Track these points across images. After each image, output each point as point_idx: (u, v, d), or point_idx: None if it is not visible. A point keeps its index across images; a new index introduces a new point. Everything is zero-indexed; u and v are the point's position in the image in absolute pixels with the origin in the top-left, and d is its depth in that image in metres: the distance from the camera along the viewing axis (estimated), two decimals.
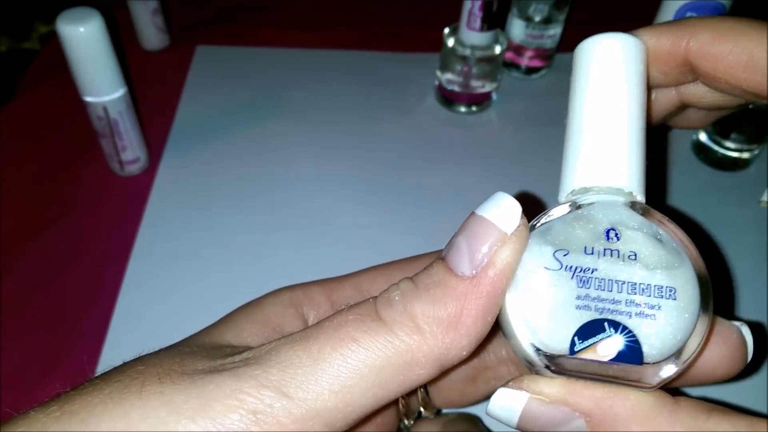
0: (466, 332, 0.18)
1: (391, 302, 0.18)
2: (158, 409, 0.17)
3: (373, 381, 0.17)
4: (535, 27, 0.53)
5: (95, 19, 0.38)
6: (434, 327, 0.18)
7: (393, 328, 0.18)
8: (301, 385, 0.17)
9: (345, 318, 0.18)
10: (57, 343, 0.37)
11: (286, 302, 0.24)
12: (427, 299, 0.18)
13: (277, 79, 0.56)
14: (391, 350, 0.17)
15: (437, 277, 0.18)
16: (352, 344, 0.17)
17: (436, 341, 0.18)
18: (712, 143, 0.48)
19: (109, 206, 0.45)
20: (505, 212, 0.19)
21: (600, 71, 0.21)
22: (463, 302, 0.18)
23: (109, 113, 0.42)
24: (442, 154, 0.50)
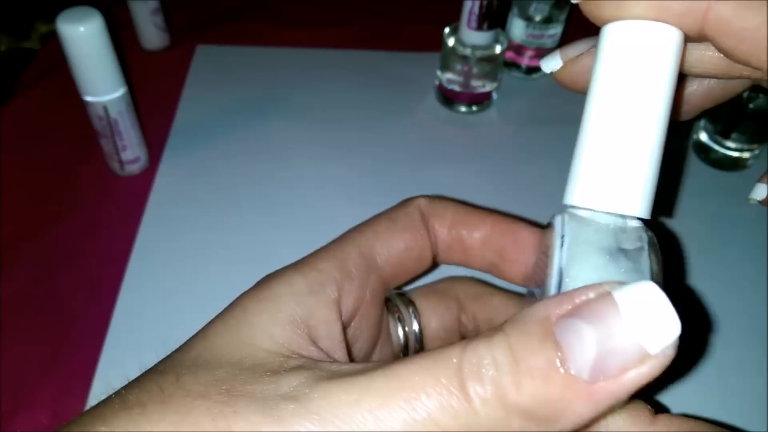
0: (561, 428, 0.15)
1: (481, 376, 0.15)
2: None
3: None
4: (535, 27, 0.53)
5: (95, 19, 0.38)
6: (525, 421, 0.15)
7: (478, 408, 0.15)
8: None
9: (413, 376, 0.15)
10: (57, 343, 0.37)
11: (304, 290, 0.21)
12: (526, 390, 0.15)
13: (278, 78, 0.56)
14: (466, 426, 0.15)
15: (543, 363, 0.15)
16: (427, 423, 0.15)
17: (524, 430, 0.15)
18: (712, 143, 0.48)
19: (109, 206, 0.45)
20: (659, 324, 0.14)
21: (626, 63, 0.18)
22: (566, 406, 0.15)
23: (109, 113, 0.42)
24: (443, 153, 0.50)
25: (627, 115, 0.18)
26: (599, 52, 0.19)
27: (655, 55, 0.18)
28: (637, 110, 0.18)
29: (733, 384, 0.36)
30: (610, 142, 0.18)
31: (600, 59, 0.19)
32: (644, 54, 0.18)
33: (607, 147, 0.18)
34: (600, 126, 0.19)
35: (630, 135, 0.18)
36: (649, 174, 0.18)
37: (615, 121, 0.18)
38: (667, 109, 0.18)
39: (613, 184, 0.18)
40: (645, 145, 0.18)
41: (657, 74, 0.18)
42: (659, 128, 0.18)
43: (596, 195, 0.19)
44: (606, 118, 0.19)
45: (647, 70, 0.18)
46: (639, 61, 0.18)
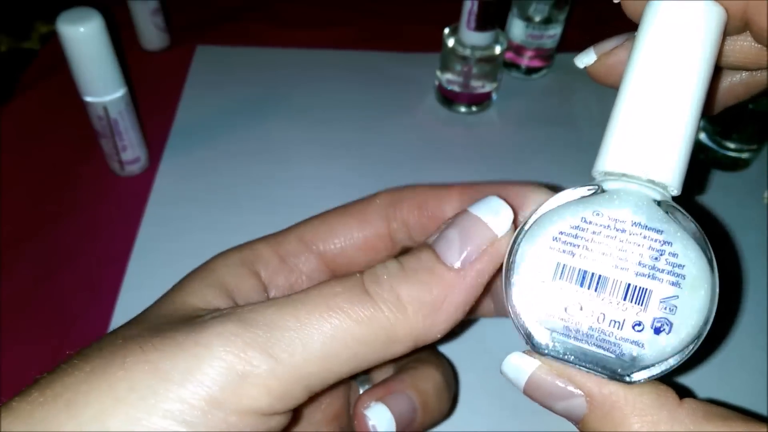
0: (446, 318, 0.19)
1: (379, 280, 0.19)
2: (145, 378, 0.17)
3: (356, 351, 0.18)
4: (535, 27, 0.53)
5: (95, 19, 0.38)
6: (417, 308, 0.19)
7: (379, 303, 0.18)
8: (288, 348, 0.17)
9: (332, 289, 0.19)
10: (57, 343, 0.37)
11: (236, 262, 0.24)
12: (414, 282, 0.19)
13: (278, 78, 0.56)
14: (376, 324, 0.18)
15: (426, 264, 0.20)
16: (340, 313, 0.18)
17: (417, 322, 0.19)
18: (712, 143, 0.48)
19: (109, 206, 0.45)
20: (498, 215, 0.20)
21: (668, 37, 0.18)
22: (447, 290, 0.19)
23: (109, 113, 0.42)
24: (442, 153, 0.50)
25: (667, 89, 0.18)
26: (642, 27, 0.19)
27: (698, 30, 0.18)
28: (677, 85, 0.18)
29: (734, 384, 0.37)
30: (646, 114, 0.19)
31: (644, 33, 0.19)
32: (688, 29, 0.18)
33: (643, 117, 0.19)
34: (639, 98, 0.19)
35: (668, 109, 0.18)
36: (684, 150, 0.18)
37: (655, 93, 0.18)
38: (704, 87, 0.18)
39: (653, 153, 0.18)
40: (682, 120, 0.18)
41: (699, 48, 0.18)
42: (696, 105, 0.18)
43: (635, 161, 0.19)
44: (646, 91, 0.19)
45: (690, 44, 0.18)
46: (683, 35, 0.18)
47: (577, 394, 0.18)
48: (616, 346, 0.18)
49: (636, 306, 0.17)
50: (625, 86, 0.19)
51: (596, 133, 0.20)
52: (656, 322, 0.17)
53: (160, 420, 0.16)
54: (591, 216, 0.18)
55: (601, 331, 0.18)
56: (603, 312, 0.18)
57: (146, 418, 0.16)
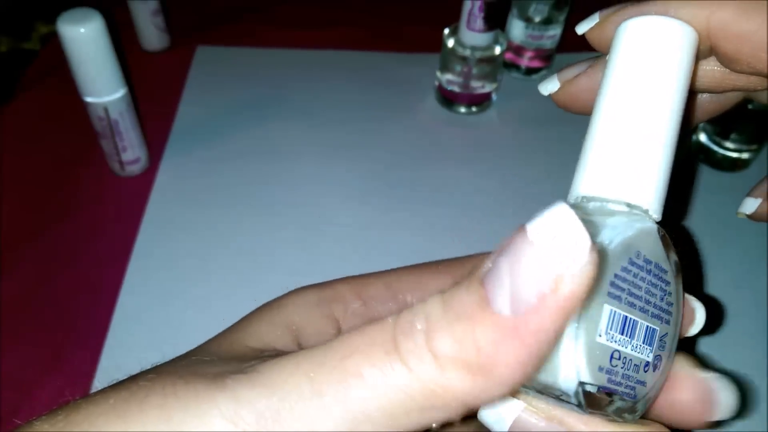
0: (500, 381, 0.14)
1: (413, 331, 0.15)
2: (156, 423, 0.16)
3: (384, 423, 0.15)
4: (534, 27, 0.53)
5: (96, 20, 0.38)
6: (460, 371, 0.14)
7: (410, 365, 0.14)
8: (299, 419, 0.15)
9: (356, 344, 0.15)
10: (57, 343, 0.37)
11: (312, 302, 0.22)
12: (454, 336, 0.14)
13: (278, 79, 0.56)
14: (404, 393, 0.14)
15: (469, 307, 0.14)
16: (357, 381, 0.15)
17: (462, 386, 0.14)
18: (711, 144, 0.48)
19: (109, 206, 0.45)
20: (568, 242, 0.13)
21: (641, 59, 0.18)
22: (497, 348, 0.14)
23: (109, 113, 0.42)
24: (443, 154, 0.50)
25: (643, 109, 0.18)
26: (614, 48, 0.19)
27: (672, 49, 0.18)
28: (654, 105, 0.18)
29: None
30: (625, 136, 0.18)
31: (616, 53, 0.19)
32: (662, 47, 0.18)
33: (622, 140, 0.18)
34: (615, 119, 0.18)
35: (646, 131, 0.18)
36: (662, 172, 0.18)
37: (631, 114, 0.18)
38: (681, 106, 0.18)
39: (629, 175, 0.18)
40: (660, 142, 0.18)
41: (674, 68, 0.18)
42: (673, 125, 0.18)
43: (612, 184, 0.18)
44: (622, 112, 0.18)
45: (664, 64, 0.18)
46: (657, 55, 0.18)
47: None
48: (633, 389, 0.17)
49: (648, 347, 0.17)
50: (599, 109, 0.18)
51: None
52: (655, 360, 0.17)
53: None
54: (635, 257, 0.17)
55: (627, 377, 0.17)
56: (630, 357, 0.17)
57: None
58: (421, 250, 0.43)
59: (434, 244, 0.43)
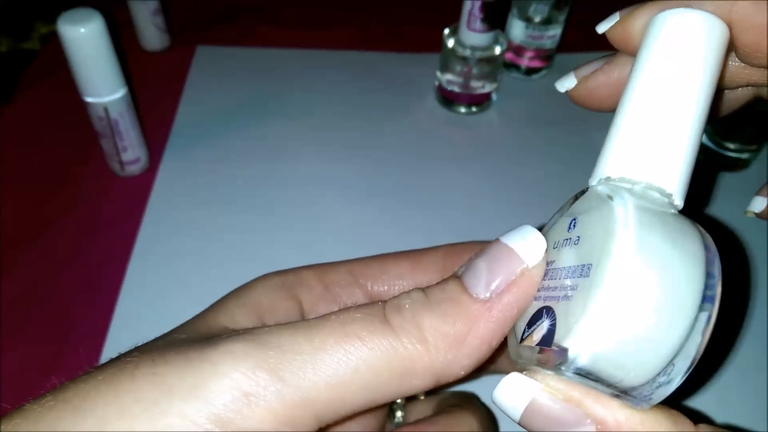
0: (470, 353, 0.18)
1: (401, 309, 0.18)
2: (151, 390, 0.17)
3: (370, 381, 0.17)
4: (534, 28, 0.53)
5: (96, 20, 0.38)
6: (439, 341, 0.18)
7: (399, 333, 0.18)
8: (298, 372, 0.17)
9: (352, 315, 0.18)
10: (57, 343, 0.37)
11: (277, 285, 0.23)
12: (437, 313, 0.18)
13: (278, 79, 0.56)
14: (393, 355, 0.17)
15: (450, 294, 0.18)
16: (356, 341, 0.17)
17: (438, 355, 0.18)
18: (711, 144, 0.48)
19: (109, 206, 0.45)
20: (530, 245, 0.19)
21: (673, 49, 0.18)
22: (472, 323, 0.18)
23: (109, 114, 0.42)
24: (442, 154, 0.50)
25: (673, 97, 0.18)
26: (646, 39, 0.19)
27: (704, 41, 0.18)
28: (684, 94, 0.18)
29: (734, 384, 0.37)
30: (653, 123, 0.18)
31: (649, 43, 0.19)
32: (695, 39, 0.18)
33: (650, 126, 0.18)
34: (644, 106, 0.18)
35: (675, 119, 0.18)
36: (688, 160, 0.18)
37: (661, 102, 0.18)
38: (710, 97, 0.18)
39: (656, 159, 0.18)
40: (688, 130, 0.18)
41: (705, 59, 0.18)
42: (702, 115, 0.18)
43: (638, 166, 0.18)
44: (651, 99, 0.18)
45: (697, 56, 0.18)
46: (690, 46, 0.18)
47: (586, 421, 0.17)
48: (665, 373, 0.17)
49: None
50: (629, 94, 0.19)
51: (596, 134, 0.20)
52: None
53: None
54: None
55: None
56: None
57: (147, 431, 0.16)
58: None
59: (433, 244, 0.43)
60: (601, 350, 0.15)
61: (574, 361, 0.16)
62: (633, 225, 0.16)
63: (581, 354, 0.16)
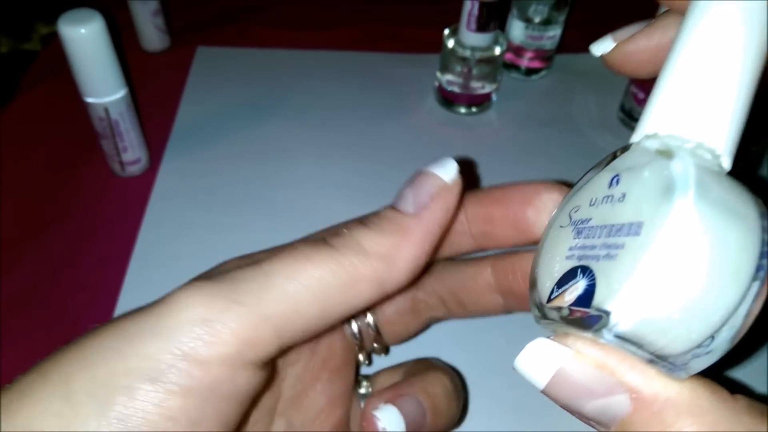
0: (406, 259, 0.20)
1: (340, 233, 0.20)
2: (112, 340, 0.17)
3: (321, 293, 0.19)
4: (534, 28, 0.53)
5: (96, 21, 0.39)
6: (378, 250, 0.20)
7: (342, 251, 0.20)
8: (251, 293, 0.18)
9: (297, 245, 0.20)
10: (57, 343, 0.37)
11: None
12: (373, 229, 0.20)
13: (278, 79, 0.56)
14: (338, 268, 0.19)
15: (383, 215, 0.21)
16: (303, 260, 0.19)
17: (379, 262, 0.20)
18: None
19: (109, 207, 0.45)
20: (446, 168, 0.22)
21: (723, 6, 0.17)
22: (404, 233, 0.20)
23: (110, 114, 0.42)
24: (442, 154, 0.50)
25: (721, 55, 0.17)
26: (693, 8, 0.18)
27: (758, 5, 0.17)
28: (733, 52, 0.17)
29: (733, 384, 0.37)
30: (702, 81, 0.17)
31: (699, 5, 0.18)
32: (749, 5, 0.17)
33: (699, 84, 0.17)
34: (693, 64, 0.17)
35: (724, 77, 0.17)
36: (737, 121, 0.17)
37: (710, 61, 0.17)
38: (762, 56, 0.17)
39: (704, 116, 0.17)
40: (738, 92, 0.17)
41: (758, 17, 0.17)
42: (752, 76, 0.17)
43: (686, 122, 0.17)
44: (701, 58, 0.17)
45: (749, 9, 0.17)
46: (743, 7, 0.17)
47: (619, 390, 0.15)
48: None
49: None
50: (678, 51, 0.17)
51: (596, 134, 0.20)
52: None
53: (123, 378, 0.16)
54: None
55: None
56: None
57: (110, 378, 0.17)
58: None
59: None
60: (648, 315, 0.14)
61: (616, 325, 0.14)
62: (693, 184, 0.15)
63: (626, 318, 0.14)
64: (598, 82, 0.56)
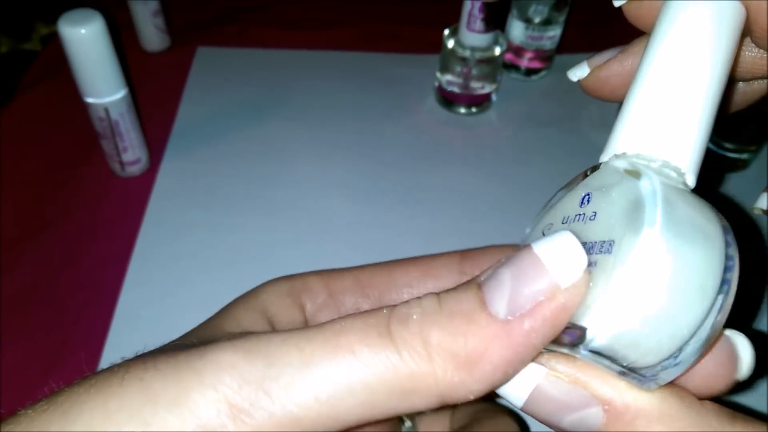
0: (481, 378, 0.16)
1: (408, 320, 0.16)
2: (137, 398, 0.16)
3: (364, 400, 0.16)
4: (534, 28, 0.53)
5: (97, 21, 0.39)
6: (447, 361, 0.15)
7: (400, 348, 0.16)
8: (285, 387, 0.16)
9: (350, 324, 0.16)
10: (57, 343, 0.37)
11: (283, 291, 0.23)
12: (447, 328, 0.16)
13: (278, 80, 0.56)
14: (392, 373, 0.16)
15: (466, 307, 0.16)
16: (348, 355, 0.16)
17: (445, 375, 0.15)
18: (711, 145, 0.48)
19: (109, 207, 0.45)
20: (567, 260, 0.15)
21: (687, 27, 0.18)
22: (487, 346, 0.15)
23: (110, 114, 0.43)
24: (442, 155, 0.50)
25: (688, 76, 0.17)
26: (660, 16, 0.19)
27: (720, 20, 0.18)
28: (698, 72, 0.17)
29: None
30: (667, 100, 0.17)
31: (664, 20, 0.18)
32: (711, 18, 0.18)
33: (664, 103, 0.18)
34: (657, 84, 0.18)
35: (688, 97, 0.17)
36: (701, 139, 0.18)
37: (674, 80, 0.18)
38: (723, 77, 0.18)
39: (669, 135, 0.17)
40: (701, 110, 0.18)
41: (721, 38, 0.18)
42: (716, 94, 0.18)
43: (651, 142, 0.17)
44: (665, 78, 0.18)
45: (712, 34, 0.18)
46: (705, 25, 0.18)
47: (593, 403, 0.16)
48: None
49: None
50: (643, 73, 0.18)
51: (595, 135, 0.20)
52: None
53: None
54: None
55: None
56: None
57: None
58: (419, 250, 0.43)
59: (433, 245, 0.43)
60: (622, 330, 0.15)
61: (592, 340, 0.15)
62: (660, 202, 0.15)
63: (601, 333, 0.15)
64: None
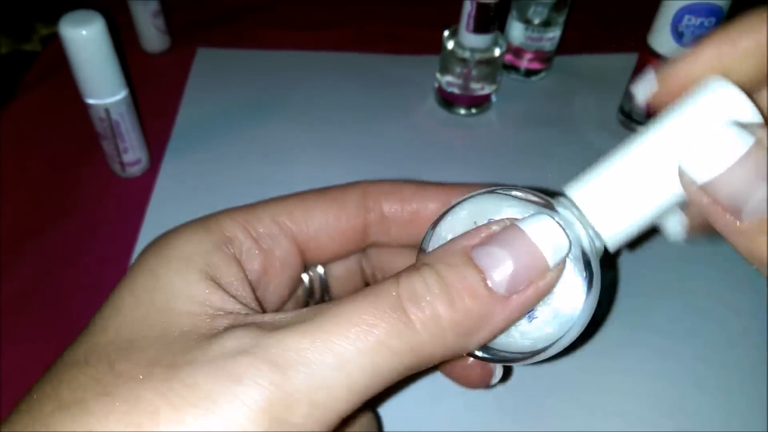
0: (479, 341, 0.19)
1: (420, 300, 0.18)
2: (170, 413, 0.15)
3: (389, 379, 0.18)
4: (534, 29, 0.53)
5: (97, 22, 0.39)
6: (454, 332, 0.18)
7: (418, 327, 0.17)
8: (328, 392, 0.16)
9: (370, 312, 0.17)
10: (57, 343, 0.37)
11: (211, 246, 0.21)
12: (458, 306, 0.18)
13: (278, 80, 0.56)
14: (411, 347, 0.17)
15: (471, 284, 0.18)
16: (379, 347, 0.17)
17: (450, 342, 0.18)
18: None
19: (110, 207, 0.45)
20: (556, 246, 0.18)
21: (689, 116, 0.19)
22: (488, 317, 0.18)
23: (110, 115, 0.43)
24: (442, 155, 0.50)
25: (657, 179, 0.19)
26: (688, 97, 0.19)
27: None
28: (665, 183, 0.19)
29: (733, 385, 0.37)
30: (637, 176, 0.19)
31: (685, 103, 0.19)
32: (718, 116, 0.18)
33: (633, 177, 0.19)
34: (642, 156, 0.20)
35: (654, 186, 0.19)
36: (639, 226, 0.20)
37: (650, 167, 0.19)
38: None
39: (613, 211, 0.20)
40: (655, 204, 0.20)
41: None
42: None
43: (597, 206, 0.20)
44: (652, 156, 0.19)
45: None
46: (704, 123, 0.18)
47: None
48: None
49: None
50: (636, 141, 0.20)
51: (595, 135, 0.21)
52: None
53: None
54: None
55: None
56: None
57: None
58: None
59: None
60: None
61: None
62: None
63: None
64: (597, 83, 0.56)
